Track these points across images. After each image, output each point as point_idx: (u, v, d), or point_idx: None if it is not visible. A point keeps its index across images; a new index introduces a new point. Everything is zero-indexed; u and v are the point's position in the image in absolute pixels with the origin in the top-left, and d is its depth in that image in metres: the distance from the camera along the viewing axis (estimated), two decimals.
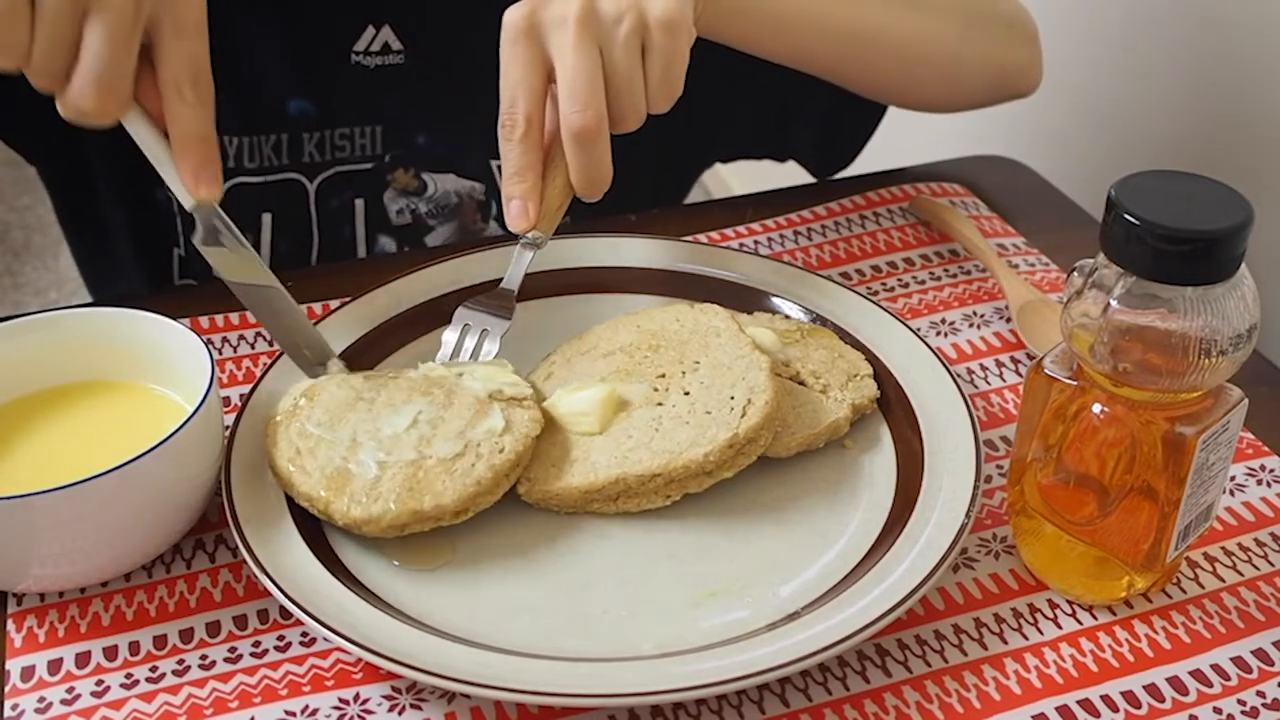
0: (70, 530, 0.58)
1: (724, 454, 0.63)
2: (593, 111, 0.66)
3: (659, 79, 0.68)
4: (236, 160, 0.90)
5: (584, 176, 0.68)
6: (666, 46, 0.68)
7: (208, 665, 0.58)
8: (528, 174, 0.68)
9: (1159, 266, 0.53)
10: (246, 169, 0.91)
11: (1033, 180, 0.99)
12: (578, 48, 0.65)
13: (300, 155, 0.91)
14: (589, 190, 0.69)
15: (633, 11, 0.67)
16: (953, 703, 0.57)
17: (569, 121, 0.66)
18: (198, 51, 0.63)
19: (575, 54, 0.66)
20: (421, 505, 0.61)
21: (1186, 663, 0.59)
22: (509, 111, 0.68)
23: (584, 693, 0.54)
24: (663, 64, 0.68)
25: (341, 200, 0.93)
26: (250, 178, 0.91)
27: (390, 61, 0.89)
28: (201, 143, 0.64)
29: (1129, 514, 0.58)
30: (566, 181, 0.70)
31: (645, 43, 0.67)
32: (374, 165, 0.92)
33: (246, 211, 0.92)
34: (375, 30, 0.88)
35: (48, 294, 2.37)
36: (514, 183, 0.69)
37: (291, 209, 0.93)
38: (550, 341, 0.75)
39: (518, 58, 0.67)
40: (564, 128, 0.66)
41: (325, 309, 0.79)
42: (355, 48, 0.89)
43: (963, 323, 0.80)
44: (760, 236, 0.88)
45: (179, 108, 0.63)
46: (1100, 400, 0.57)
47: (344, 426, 0.64)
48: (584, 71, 0.65)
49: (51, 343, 0.67)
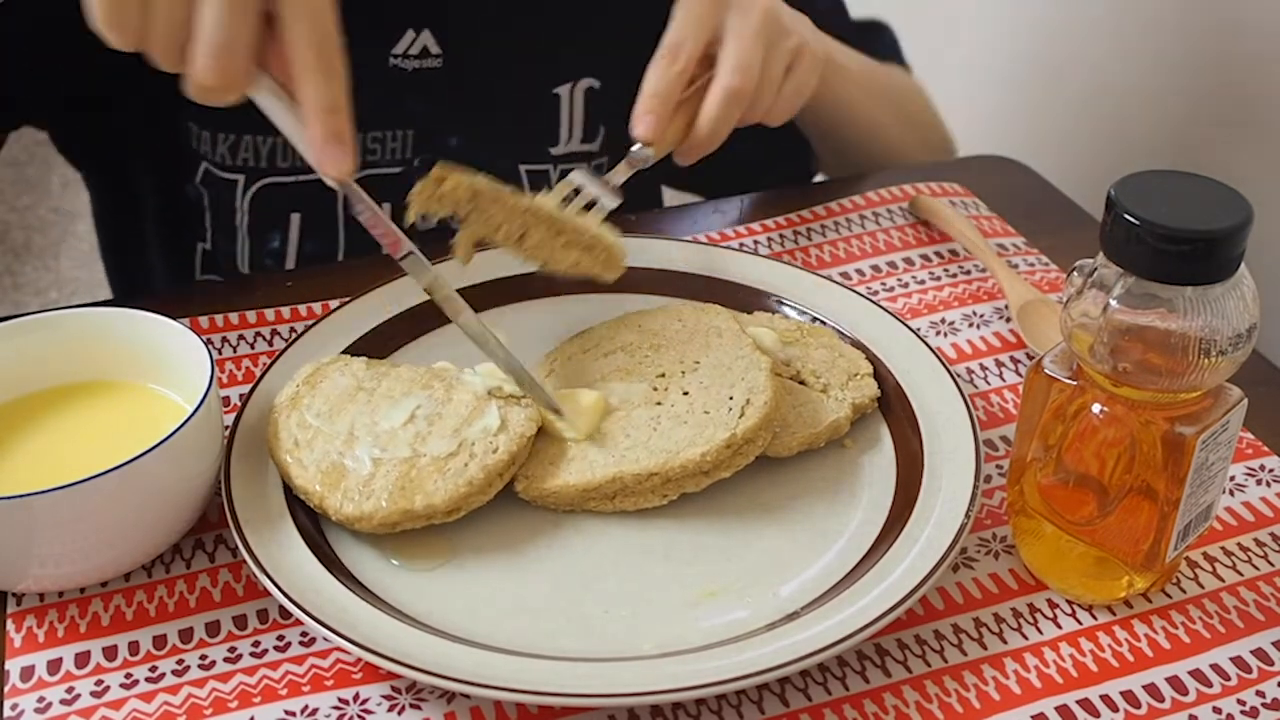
0: (70, 530, 0.58)
1: (721, 454, 0.63)
2: (748, 80, 0.76)
3: (788, 95, 0.81)
4: (270, 161, 0.91)
5: (709, 129, 0.76)
6: (804, 75, 0.81)
7: (207, 665, 0.58)
8: (669, 99, 0.76)
9: (1159, 266, 0.53)
10: (280, 168, 0.91)
11: (1033, 180, 0.99)
12: (755, 34, 0.76)
13: None
14: (701, 144, 0.77)
15: (798, 35, 0.80)
16: (953, 703, 0.57)
17: (727, 80, 0.76)
18: (323, 18, 0.60)
19: (751, 38, 0.76)
20: (413, 505, 0.61)
21: (1186, 663, 0.59)
22: (676, 46, 0.76)
23: (584, 693, 0.54)
24: (795, 86, 0.81)
25: None
26: (282, 177, 0.92)
27: (428, 65, 0.91)
28: (330, 114, 0.61)
29: (1129, 514, 0.58)
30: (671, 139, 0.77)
31: (792, 64, 0.80)
32: (402, 169, 0.93)
33: (276, 210, 0.93)
34: (415, 34, 0.90)
35: (48, 294, 2.37)
36: (654, 101, 0.75)
37: (320, 210, 0.94)
38: (550, 341, 0.75)
39: (698, 16, 0.76)
40: (718, 85, 0.76)
41: (325, 308, 0.79)
42: (394, 51, 0.90)
43: (963, 323, 0.80)
44: (760, 236, 0.88)
45: (305, 78, 0.61)
46: (1100, 400, 0.57)
47: (342, 418, 0.65)
48: (752, 52, 0.76)
49: (51, 343, 0.67)
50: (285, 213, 0.93)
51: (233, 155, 0.91)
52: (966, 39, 1.47)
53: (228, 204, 0.93)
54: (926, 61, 1.54)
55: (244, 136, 0.90)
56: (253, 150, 0.90)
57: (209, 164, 0.92)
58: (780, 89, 0.80)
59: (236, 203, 0.93)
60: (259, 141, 0.90)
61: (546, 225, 0.70)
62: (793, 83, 0.81)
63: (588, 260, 0.71)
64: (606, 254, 0.71)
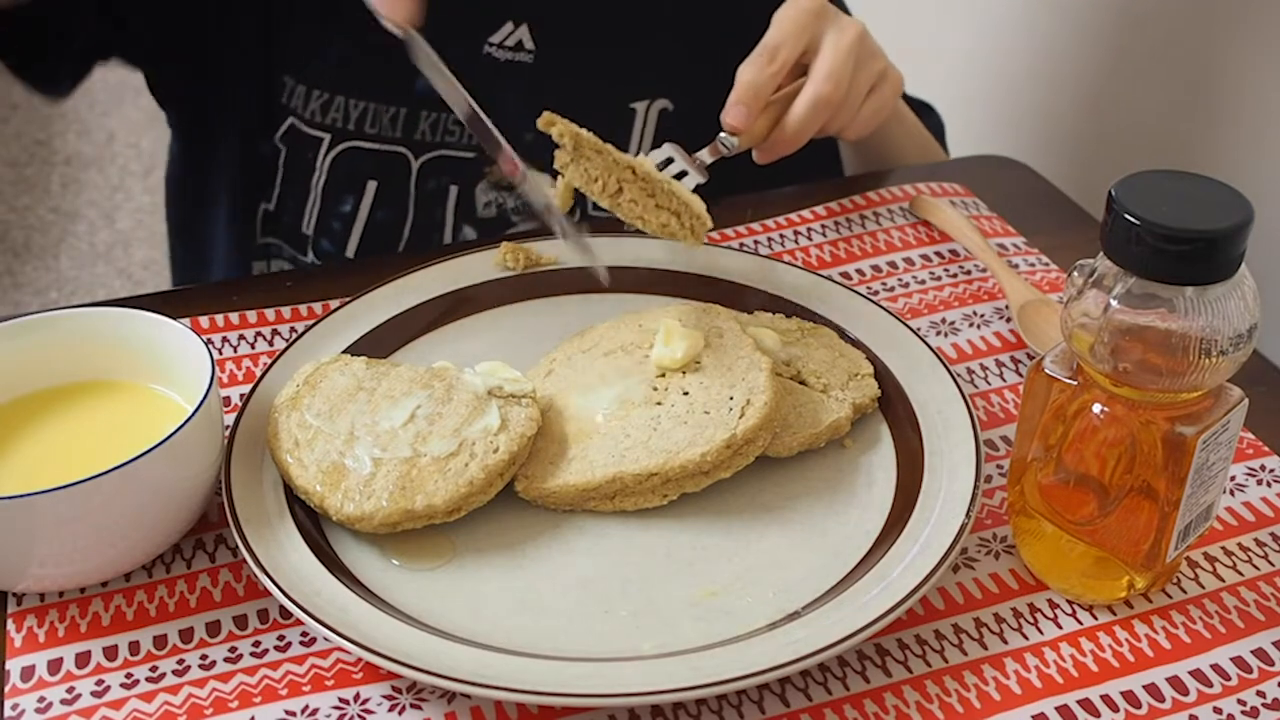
0: (70, 530, 0.58)
1: (721, 454, 0.63)
2: (836, 93, 0.80)
3: (868, 114, 0.85)
4: (358, 125, 0.94)
5: (795, 129, 0.80)
6: (886, 97, 0.86)
7: (208, 665, 0.58)
8: (762, 94, 0.79)
9: (1159, 266, 0.53)
10: (367, 133, 0.94)
11: (1033, 180, 0.99)
12: (848, 52, 0.81)
13: (414, 132, 0.95)
14: (785, 143, 0.81)
15: (884, 60, 0.86)
16: (953, 703, 0.57)
17: (819, 87, 0.80)
18: None
19: (845, 52, 0.81)
20: (413, 505, 0.61)
21: (1186, 662, 0.59)
22: (774, 48, 0.80)
23: (584, 693, 0.54)
24: (875, 107, 0.86)
25: (439, 183, 0.97)
26: (366, 143, 0.95)
27: (519, 58, 0.94)
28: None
29: (1129, 514, 0.58)
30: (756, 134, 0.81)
31: (877, 85, 0.85)
32: (475, 155, 0.96)
33: (355, 175, 0.96)
34: (514, 26, 0.94)
35: (48, 294, 2.37)
36: (748, 92, 0.79)
37: (395, 181, 0.96)
38: (550, 341, 0.75)
39: (799, 25, 0.81)
40: (810, 89, 0.80)
41: (325, 308, 0.79)
42: (491, 39, 0.94)
43: (963, 323, 0.80)
44: (760, 236, 0.88)
45: None
46: (1100, 400, 0.57)
47: (342, 418, 0.65)
48: (845, 64, 0.81)
49: (51, 343, 0.67)
50: (363, 178, 0.96)
51: (323, 113, 0.94)
52: (967, 39, 1.47)
53: (307, 163, 0.96)
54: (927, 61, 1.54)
55: (337, 96, 0.94)
56: (343, 111, 0.94)
57: (296, 119, 0.95)
58: (862, 107, 0.84)
59: (317, 161, 0.96)
60: (351, 104, 0.93)
61: (643, 184, 0.72)
62: (874, 103, 0.85)
63: (675, 224, 0.73)
64: (695, 221, 0.74)
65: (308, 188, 0.97)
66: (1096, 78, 1.27)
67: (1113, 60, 1.24)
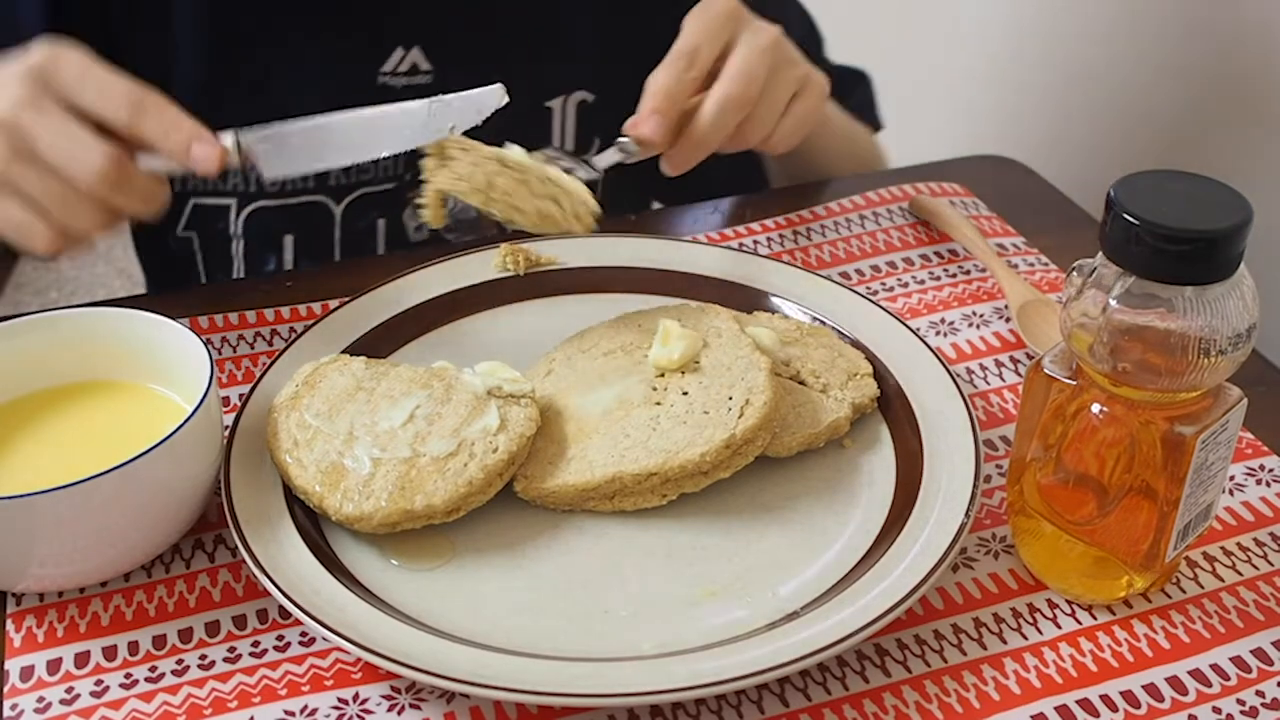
0: (70, 530, 0.58)
1: (720, 454, 0.63)
2: (748, 91, 0.75)
3: (791, 124, 0.80)
4: (258, 183, 0.91)
5: (703, 132, 0.75)
6: (810, 104, 0.80)
7: (207, 665, 0.58)
8: (678, 101, 0.75)
9: (1158, 266, 0.53)
10: (267, 192, 0.91)
11: (1033, 180, 0.99)
12: (762, 53, 0.76)
13: (327, 178, 0.92)
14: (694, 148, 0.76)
15: (805, 66, 0.80)
16: (952, 703, 0.57)
17: (726, 88, 0.75)
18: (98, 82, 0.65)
19: (758, 54, 0.76)
20: (412, 505, 0.61)
21: (1186, 662, 0.59)
22: (691, 52, 0.75)
23: (584, 693, 0.54)
24: (800, 113, 0.80)
25: (367, 220, 0.95)
26: (270, 201, 0.92)
27: (417, 80, 0.91)
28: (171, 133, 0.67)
29: (1128, 514, 0.58)
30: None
31: (799, 92, 0.79)
32: (395, 185, 0.94)
33: (266, 234, 0.93)
34: (404, 51, 0.90)
35: (48, 294, 2.37)
36: (664, 100, 0.74)
37: (315, 231, 0.94)
38: (550, 341, 0.75)
39: (714, 28, 0.76)
40: (719, 89, 0.75)
41: (325, 308, 0.79)
42: (383, 68, 0.90)
43: (963, 323, 0.80)
44: (760, 236, 0.88)
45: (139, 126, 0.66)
46: (1099, 400, 0.57)
47: (342, 418, 0.65)
48: (758, 64, 0.76)
49: (51, 343, 0.67)
50: (279, 236, 0.94)
51: (223, 179, 0.91)
52: (967, 39, 1.47)
53: (221, 234, 0.93)
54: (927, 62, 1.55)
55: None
56: (242, 177, 0.91)
57: (196, 198, 0.92)
58: (784, 116, 0.79)
59: (230, 229, 0.93)
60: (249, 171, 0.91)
61: (515, 173, 0.70)
62: (798, 111, 0.80)
63: (556, 211, 0.71)
64: (580, 207, 0.71)
65: (229, 256, 0.95)
66: (1096, 78, 1.27)
67: (1113, 61, 1.24)
